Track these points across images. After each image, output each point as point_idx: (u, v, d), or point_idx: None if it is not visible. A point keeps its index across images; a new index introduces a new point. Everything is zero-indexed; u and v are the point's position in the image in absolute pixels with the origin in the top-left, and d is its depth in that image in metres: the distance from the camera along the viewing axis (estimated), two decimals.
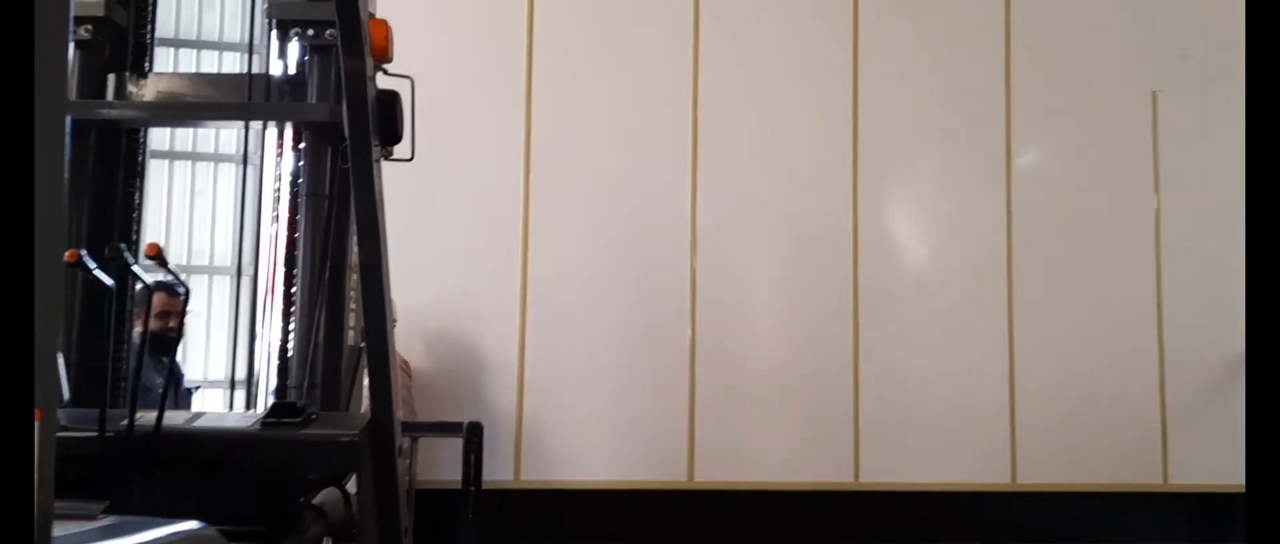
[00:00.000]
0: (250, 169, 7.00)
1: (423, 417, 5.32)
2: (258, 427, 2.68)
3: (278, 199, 3.58)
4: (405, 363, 5.33)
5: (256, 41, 3.72)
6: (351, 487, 2.93)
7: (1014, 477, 6.07)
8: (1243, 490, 6.63)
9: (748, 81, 6.07)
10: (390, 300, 3.05)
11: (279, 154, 3.60)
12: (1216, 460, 6.20)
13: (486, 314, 5.72)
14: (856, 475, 5.95)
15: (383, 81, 3.02)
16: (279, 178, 3.58)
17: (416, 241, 5.48)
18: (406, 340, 5.31)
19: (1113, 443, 6.16)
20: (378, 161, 2.89)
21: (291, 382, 3.24)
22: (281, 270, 3.43)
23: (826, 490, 5.93)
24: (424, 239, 5.58)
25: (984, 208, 6.25)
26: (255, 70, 3.41)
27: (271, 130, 3.59)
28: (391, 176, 3.09)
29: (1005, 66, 6.32)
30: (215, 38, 7.04)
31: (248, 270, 7.73)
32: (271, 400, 3.20)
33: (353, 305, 3.36)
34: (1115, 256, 6.33)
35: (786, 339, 5.99)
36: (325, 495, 2.85)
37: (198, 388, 5.79)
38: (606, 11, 6.03)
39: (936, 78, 6.25)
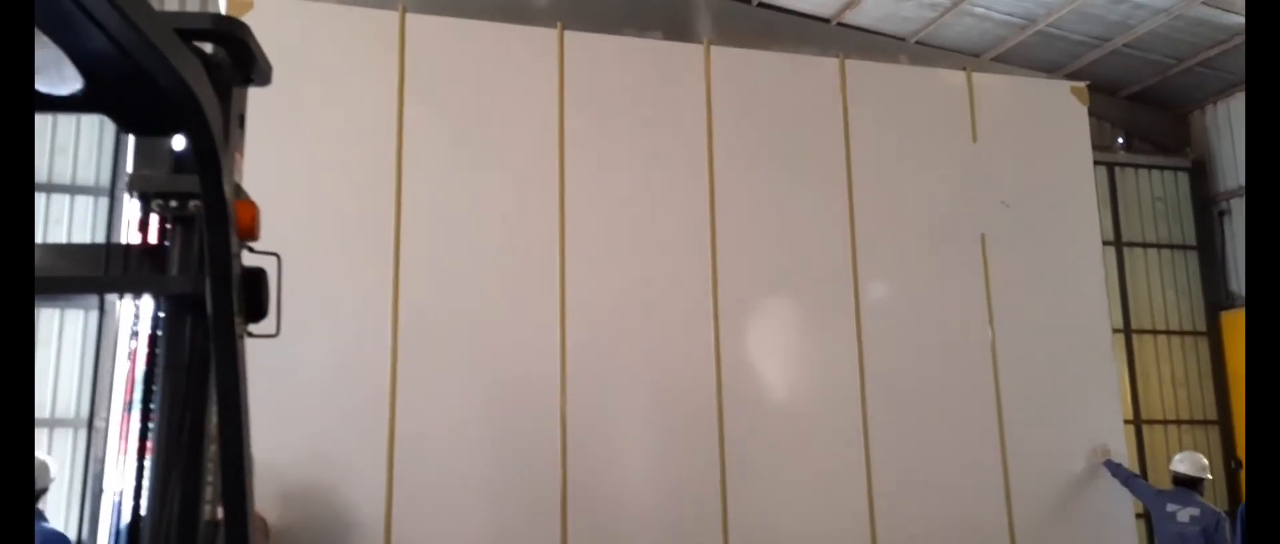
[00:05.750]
0: (105, 316, 6.73)
1: None
2: None
3: (131, 359, 3.48)
4: (262, 520, 5.13)
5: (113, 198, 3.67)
6: None
7: None
8: None
9: (613, 233, 6.28)
10: (251, 477, 2.99)
11: (135, 317, 3.52)
12: None
13: (352, 470, 5.55)
14: None
15: (249, 256, 3.04)
16: (134, 337, 3.49)
17: (279, 395, 5.35)
18: (265, 496, 5.12)
19: None
20: (241, 339, 2.87)
21: None
22: (134, 441, 3.32)
23: None
24: (287, 392, 5.44)
25: (836, 347, 6.57)
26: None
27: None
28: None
29: (849, 212, 6.77)
30: (67, 181, 6.80)
31: (98, 425, 7.32)
32: None
33: (210, 478, 3.27)
34: (958, 387, 6.75)
35: (656, 487, 6.06)
36: None
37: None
38: (472, 165, 6.15)
39: (787, 226, 6.63)
